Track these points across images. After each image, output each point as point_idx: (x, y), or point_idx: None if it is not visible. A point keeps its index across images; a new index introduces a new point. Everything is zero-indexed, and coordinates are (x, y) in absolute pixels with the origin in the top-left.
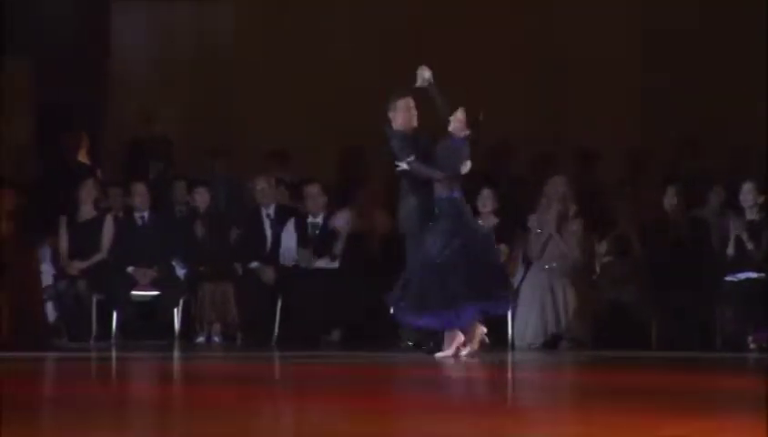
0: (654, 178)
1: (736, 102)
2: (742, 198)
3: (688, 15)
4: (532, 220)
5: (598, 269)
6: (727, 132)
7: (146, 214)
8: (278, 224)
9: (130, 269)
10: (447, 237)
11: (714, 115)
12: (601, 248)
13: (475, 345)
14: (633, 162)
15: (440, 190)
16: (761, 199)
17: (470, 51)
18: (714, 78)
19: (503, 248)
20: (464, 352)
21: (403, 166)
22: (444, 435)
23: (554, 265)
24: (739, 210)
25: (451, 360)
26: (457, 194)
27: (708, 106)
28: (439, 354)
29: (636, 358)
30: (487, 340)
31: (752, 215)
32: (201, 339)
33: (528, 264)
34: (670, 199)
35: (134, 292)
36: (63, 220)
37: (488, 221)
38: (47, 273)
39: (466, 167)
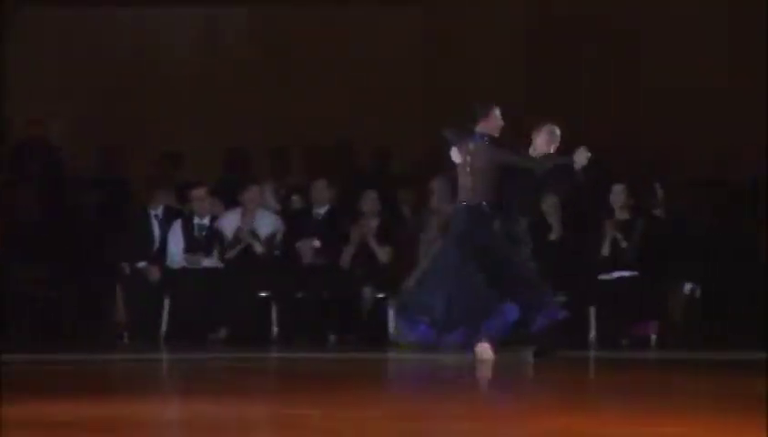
0: None
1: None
2: (612, 198)
3: None
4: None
5: None
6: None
7: (35, 214)
8: (166, 224)
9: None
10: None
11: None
12: None
13: None
14: None
15: None
16: (631, 201)
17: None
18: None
19: (388, 249)
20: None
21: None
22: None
23: None
24: (611, 211)
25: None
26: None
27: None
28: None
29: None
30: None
31: (623, 215)
32: None
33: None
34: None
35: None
36: None
37: (371, 222)
38: None
39: None
